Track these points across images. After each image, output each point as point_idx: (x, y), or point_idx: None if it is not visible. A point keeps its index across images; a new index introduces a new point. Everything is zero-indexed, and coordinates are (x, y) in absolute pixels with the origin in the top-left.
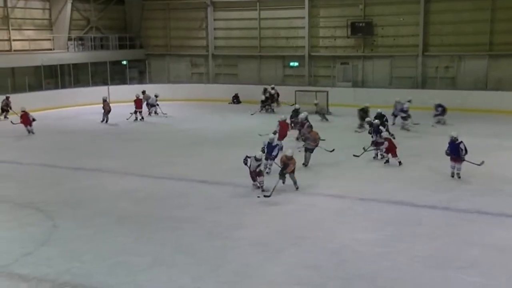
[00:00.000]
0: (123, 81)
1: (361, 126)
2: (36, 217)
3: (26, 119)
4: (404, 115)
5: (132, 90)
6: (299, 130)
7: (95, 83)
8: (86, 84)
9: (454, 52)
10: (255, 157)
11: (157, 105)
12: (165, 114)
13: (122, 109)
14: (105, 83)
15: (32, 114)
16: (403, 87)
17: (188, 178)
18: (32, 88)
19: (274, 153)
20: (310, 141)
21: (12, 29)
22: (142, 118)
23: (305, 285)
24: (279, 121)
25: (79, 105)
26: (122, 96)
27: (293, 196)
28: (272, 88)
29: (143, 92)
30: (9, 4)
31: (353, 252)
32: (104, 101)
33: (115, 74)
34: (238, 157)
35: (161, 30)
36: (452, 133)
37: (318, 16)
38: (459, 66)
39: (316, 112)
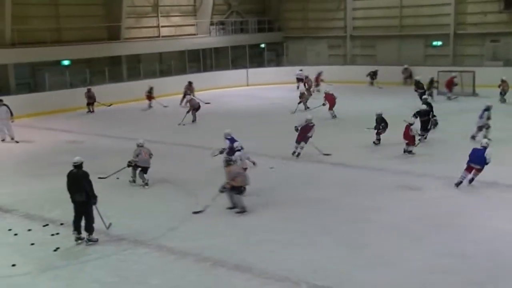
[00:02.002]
0: (261, 64)
1: None
2: (181, 194)
3: (150, 96)
4: None
5: (270, 73)
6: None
7: (235, 67)
8: (226, 67)
9: None
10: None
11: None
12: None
13: (260, 92)
14: (244, 66)
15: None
16: None
17: (323, 160)
18: (177, 71)
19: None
20: (229, 179)
21: (161, 16)
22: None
23: (449, 274)
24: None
25: (219, 88)
26: (260, 79)
27: (436, 182)
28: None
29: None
30: None
31: (503, 243)
32: (188, 95)
33: (253, 58)
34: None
35: (299, 12)
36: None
37: None
38: None
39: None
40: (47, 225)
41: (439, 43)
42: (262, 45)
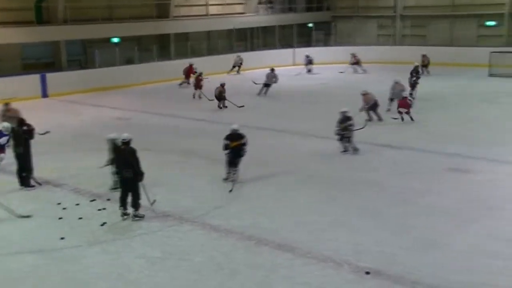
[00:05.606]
0: (308, 44)
1: None
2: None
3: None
4: None
5: (317, 53)
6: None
7: (281, 46)
8: (273, 46)
9: None
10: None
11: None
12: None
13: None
14: (291, 46)
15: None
16: None
17: (373, 142)
18: (224, 50)
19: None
20: None
21: None
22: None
23: (497, 258)
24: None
25: (266, 67)
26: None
27: (488, 165)
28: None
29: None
30: None
31: None
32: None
33: (300, 37)
34: (428, 123)
35: None
36: None
37: None
38: None
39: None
40: (94, 200)
41: (493, 23)
42: (310, 25)
